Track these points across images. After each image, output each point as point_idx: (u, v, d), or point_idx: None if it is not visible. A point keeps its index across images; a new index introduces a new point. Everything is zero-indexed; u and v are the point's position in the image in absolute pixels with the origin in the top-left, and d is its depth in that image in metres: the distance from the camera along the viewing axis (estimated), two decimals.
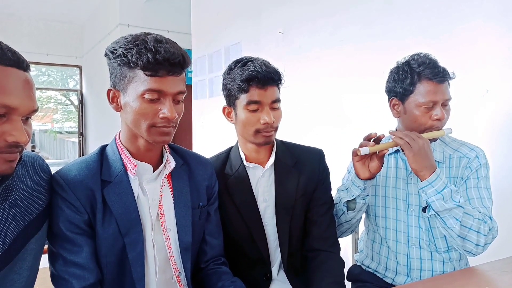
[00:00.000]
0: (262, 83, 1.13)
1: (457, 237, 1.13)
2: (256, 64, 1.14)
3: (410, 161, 1.14)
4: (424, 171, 1.13)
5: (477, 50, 1.65)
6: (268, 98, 1.15)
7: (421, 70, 1.21)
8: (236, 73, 1.16)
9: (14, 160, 0.77)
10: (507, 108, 1.56)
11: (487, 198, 1.20)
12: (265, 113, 1.15)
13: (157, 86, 0.90)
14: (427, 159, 1.13)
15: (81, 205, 0.93)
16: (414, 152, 1.12)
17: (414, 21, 1.89)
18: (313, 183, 1.27)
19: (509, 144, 1.56)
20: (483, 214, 1.15)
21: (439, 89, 1.20)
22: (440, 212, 1.13)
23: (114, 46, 0.93)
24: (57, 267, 0.93)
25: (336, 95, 2.36)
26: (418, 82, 1.22)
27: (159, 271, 1.02)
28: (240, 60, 1.20)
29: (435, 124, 1.21)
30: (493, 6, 1.59)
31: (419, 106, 1.22)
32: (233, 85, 1.16)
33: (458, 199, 1.12)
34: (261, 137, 1.18)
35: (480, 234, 1.12)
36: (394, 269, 1.34)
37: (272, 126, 1.16)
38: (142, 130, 0.94)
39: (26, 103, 0.76)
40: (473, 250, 1.14)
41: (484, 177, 1.23)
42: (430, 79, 1.20)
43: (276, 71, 1.18)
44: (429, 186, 1.12)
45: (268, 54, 2.85)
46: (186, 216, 1.05)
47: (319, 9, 2.46)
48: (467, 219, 1.11)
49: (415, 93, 1.22)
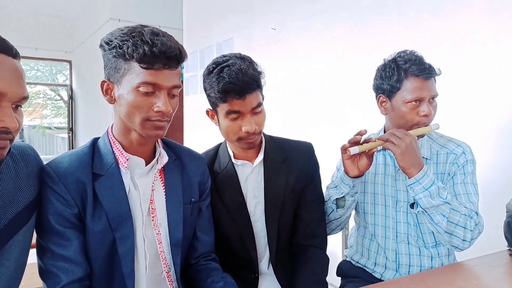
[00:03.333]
0: (240, 93, 1.08)
1: (444, 233, 1.15)
2: (232, 72, 1.07)
3: (397, 159, 1.15)
4: (412, 169, 1.14)
5: (467, 48, 1.67)
6: (248, 107, 1.11)
7: (408, 67, 1.22)
8: (214, 81, 1.10)
9: (4, 147, 0.76)
10: (496, 105, 1.59)
11: (474, 193, 1.22)
12: (246, 121, 1.11)
13: (152, 79, 0.89)
14: (414, 157, 1.13)
15: (71, 198, 0.92)
16: (402, 150, 1.13)
17: (404, 19, 1.90)
18: (303, 179, 1.26)
19: (497, 140, 1.58)
20: (469, 210, 1.17)
21: (425, 85, 1.21)
22: (428, 209, 1.14)
23: (109, 37, 0.92)
24: (45, 260, 0.92)
25: (327, 92, 2.37)
26: (405, 79, 1.23)
27: (149, 266, 1.01)
28: (218, 63, 1.12)
29: (422, 120, 1.22)
30: (483, 5, 1.61)
31: (406, 103, 1.23)
32: (212, 93, 1.12)
33: (445, 195, 1.13)
34: (244, 143, 1.16)
35: (467, 229, 1.13)
36: (383, 265, 1.35)
37: (254, 133, 1.13)
38: (135, 123, 0.93)
39: (15, 89, 0.75)
40: (460, 245, 1.16)
41: (470, 173, 1.25)
42: (417, 75, 1.21)
43: (253, 77, 1.10)
44: (417, 183, 1.13)
45: (260, 50, 2.85)
46: (177, 212, 1.04)
47: (311, 6, 2.46)
48: (454, 215, 1.13)
49: (402, 90, 1.23)
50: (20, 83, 0.76)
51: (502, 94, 1.56)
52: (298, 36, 2.56)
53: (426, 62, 1.24)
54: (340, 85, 2.27)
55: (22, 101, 0.78)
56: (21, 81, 0.77)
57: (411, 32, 1.87)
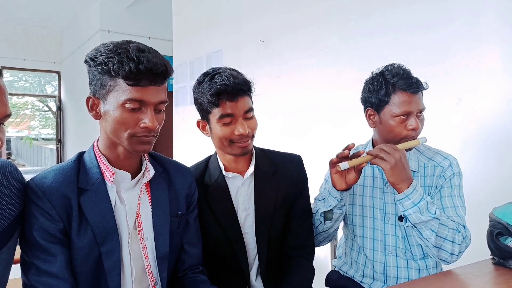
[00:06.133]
0: (232, 95, 1.11)
1: (432, 247, 1.15)
2: (224, 77, 1.12)
3: (387, 174, 1.14)
4: (401, 184, 1.13)
5: (450, 60, 1.71)
6: (240, 110, 1.13)
7: (395, 81, 1.23)
8: (206, 87, 1.13)
9: None
10: (479, 117, 1.62)
11: (461, 206, 1.23)
12: (239, 124, 1.13)
13: (138, 96, 0.89)
14: (404, 172, 1.13)
15: (56, 213, 0.91)
16: (391, 166, 1.12)
17: (390, 32, 1.94)
18: (293, 192, 1.27)
19: (480, 152, 1.61)
20: (457, 224, 1.18)
21: (413, 99, 1.22)
22: (417, 224, 1.14)
23: (94, 53, 0.91)
24: (30, 276, 0.91)
25: (316, 104, 2.39)
26: (393, 93, 1.23)
27: (136, 280, 1.00)
28: (208, 73, 1.17)
29: (410, 134, 1.23)
30: (465, 18, 1.65)
31: (394, 117, 1.23)
32: (204, 100, 1.14)
33: (434, 210, 1.13)
34: (237, 148, 1.16)
35: (455, 243, 1.14)
36: (371, 276, 1.36)
37: (247, 136, 1.15)
38: (122, 139, 0.93)
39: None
40: (448, 259, 1.16)
41: (457, 186, 1.25)
42: (404, 90, 1.22)
43: (245, 81, 1.15)
44: (406, 199, 1.13)
45: (249, 62, 2.87)
46: (164, 225, 1.04)
47: (299, 18, 2.50)
48: (443, 229, 1.13)
49: (390, 104, 1.24)
50: (2, 101, 0.76)
51: (486, 105, 1.60)
52: (286, 48, 2.60)
53: (414, 76, 1.25)
54: (329, 97, 2.30)
55: (4, 119, 0.78)
56: (3, 99, 0.76)
57: (395, 44, 1.91)
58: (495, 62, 1.57)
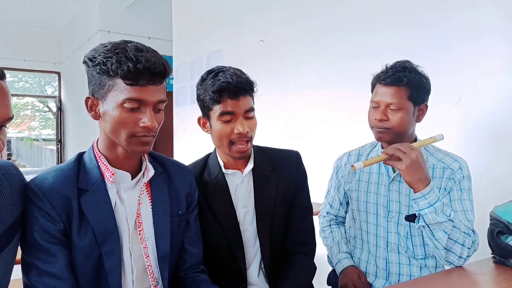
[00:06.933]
0: (234, 93, 1.12)
1: (442, 249, 1.13)
2: (227, 75, 1.13)
3: (402, 174, 1.12)
4: (418, 184, 1.11)
5: (450, 59, 1.71)
6: (241, 108, 1.14)
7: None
8: (209, 84, 1.15)
9: None
10: (480, 115, 1.62)
11: (470, 210, 1.22)
12: (239, 123, 1.14)
13: (137, 96, 0.88)
14: (421, 172, 1.11)
15: (56, 214, 0.91)
16: (407, 165, 1.10)
17: (389, 31, 1.94)
18: (293, 188, 1.28)
19: (481, 150, 1.61)
20: (467, 228, 1.16)
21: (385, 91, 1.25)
22: (431, 225, 1.12)
23: (93, 53, 0.91)
24: (31, 277, 0.91)
25: (316, 103, 2.39)
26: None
27: (136, 280, 1.00)
28: (212, 71, 1.18)
29: (378, 124, 1.27)
30: (465, 16, 1.65)
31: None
32: (206, 96, 1.15)
33: (449, 212, 1.12)
34: (235, 152, 1.17)
35: (465, 247, 1.13)
36: (373, 273, 1.36)
37: (246, 136, 1.15)
38: (121, 139, 0.92)
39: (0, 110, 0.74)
40: (455, 261, 1.15)
41: (467, 189, 1.24)
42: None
43: (248, 80, 1.16)
44: (422, 198, 1.11)
45: (249, 61, 2.87)
46: (164, 225, 1.04)
47: (299, 18, 2.50)
48: (455, 232, 1.12)
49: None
50: (5, 104, 0.76)
51: (486, 104, 1.60)
52: (286, 48, 2.60)
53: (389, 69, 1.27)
54: (329, 97, 2.30)
55: (6, 122, 0.78)
56: (6, 102, 0.76)
57: (396, 42, 1.91)
58: (495, 60, 1.57)
